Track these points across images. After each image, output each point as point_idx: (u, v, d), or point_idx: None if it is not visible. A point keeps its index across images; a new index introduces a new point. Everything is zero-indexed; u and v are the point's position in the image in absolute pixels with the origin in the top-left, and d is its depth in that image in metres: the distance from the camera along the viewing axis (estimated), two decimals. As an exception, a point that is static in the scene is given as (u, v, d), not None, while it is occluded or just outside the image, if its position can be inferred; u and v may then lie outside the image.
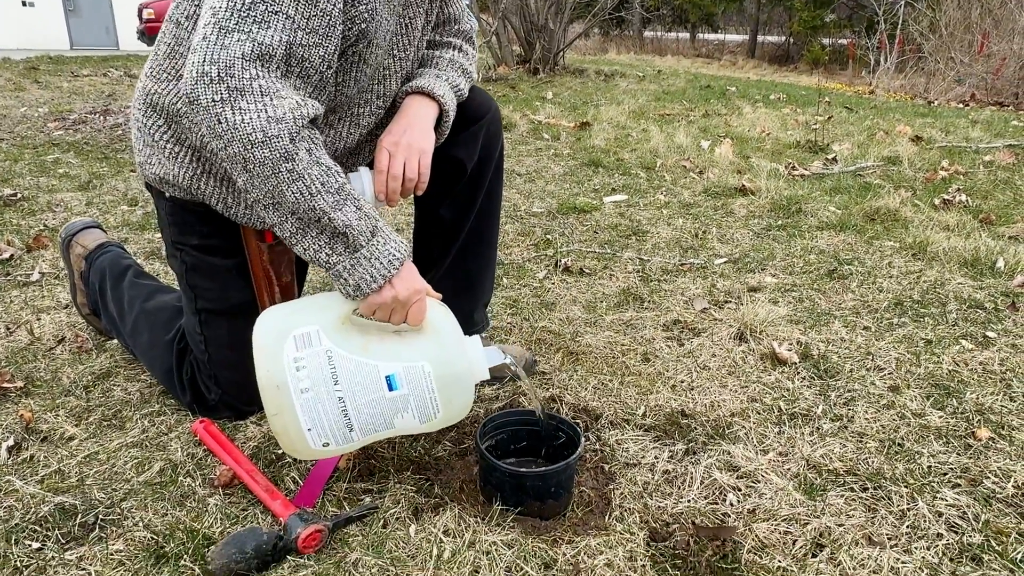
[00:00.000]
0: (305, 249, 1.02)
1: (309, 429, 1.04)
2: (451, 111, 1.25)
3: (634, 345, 1.72)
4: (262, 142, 0.93)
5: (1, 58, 10.13)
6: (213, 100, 0.91)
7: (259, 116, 0.92)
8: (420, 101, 1.22)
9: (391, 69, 1.22)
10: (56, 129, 4.32)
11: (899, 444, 1.33)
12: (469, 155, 1.37)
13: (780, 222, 2.78)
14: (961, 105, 7.69)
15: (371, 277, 1.03)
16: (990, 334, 1.79)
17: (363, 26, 1.06)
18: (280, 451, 1.27)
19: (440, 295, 1.17)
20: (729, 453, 1.28)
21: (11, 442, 1.26)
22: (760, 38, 21.44)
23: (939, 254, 2.35)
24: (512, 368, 1.16)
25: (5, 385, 1.43)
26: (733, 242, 2.54)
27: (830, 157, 3.93)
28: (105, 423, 1.34)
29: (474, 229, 1.47)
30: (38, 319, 1.77)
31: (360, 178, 1.17)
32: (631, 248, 2.46)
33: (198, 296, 1.28)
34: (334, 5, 0.99)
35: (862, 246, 2.48)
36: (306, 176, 0.96)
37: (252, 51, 0.92)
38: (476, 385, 1.16)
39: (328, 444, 1.07)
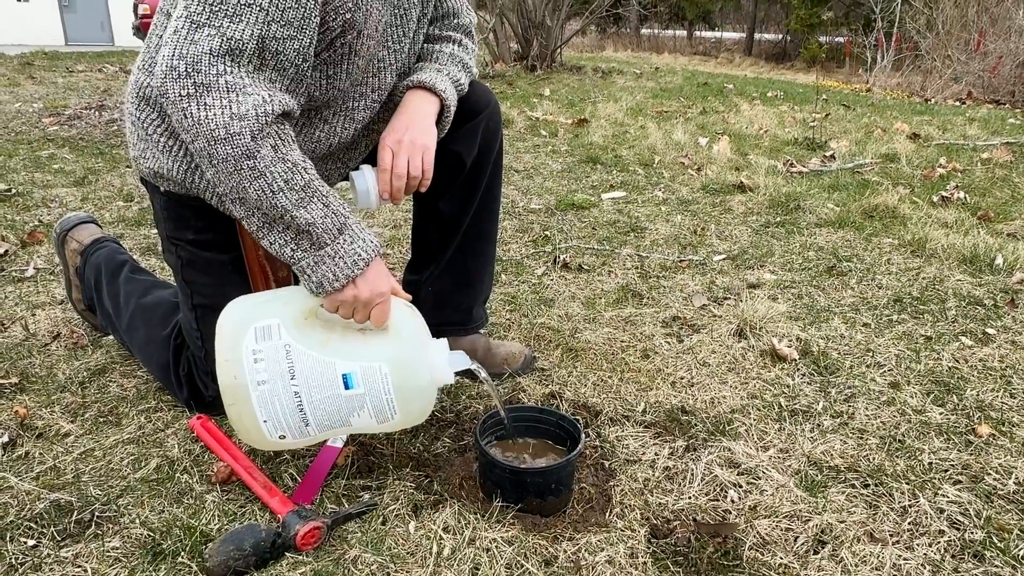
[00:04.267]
0: (271, 244, 1.03)
1: (265, 421, 1.05)
2: (452, 106, 1.24)
3: (633, 341, 1.72)
4: (224, 139, 0.93)
5: (-5, 53, 10.07)
6: (180, 95, 0.92)
7: (222, 112, 0.92)
8: (421, 96, 1.21)
9: (386, 61, 1.20)
10: (51, 125, 4.29)
11: (900, 441, 1.32)
12: (468, 150, 1.36)
13: (779, 219, 2.77)
14: (958, 103, 7.71)
15: (333, 276, 1.02)
16: (990, 331, 1.78)
17: (347, 16, 1.05)
18: (278, 448, 1.26)
19: (410, 297, 1.15)
20: (730, 450, 1.28)
21: (6, 439, 1.24)
22: (757, 36, 21.44)
23: (938, 251, 2.35)
24: (479, 373, 1.16)
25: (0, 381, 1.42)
26: (732, 239, 2.54)
27: (828, 154, 3.93)
28: (101, 419, 1.33)
29: (473, 224, 1.46)
30: (33, 315, 1.76)
31: (363, 176, 1.16)
32: (630, 244, 2.45)
33: (194, 292, 1.27)
34: None
35: (861, 243, 2.48)
36: (267, 174, 0.96)
37: (220, 46, 0.92)
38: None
39: (284, 437, 1.08)
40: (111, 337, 1.63)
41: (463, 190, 1.41)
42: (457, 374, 1.14)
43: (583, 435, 1.17)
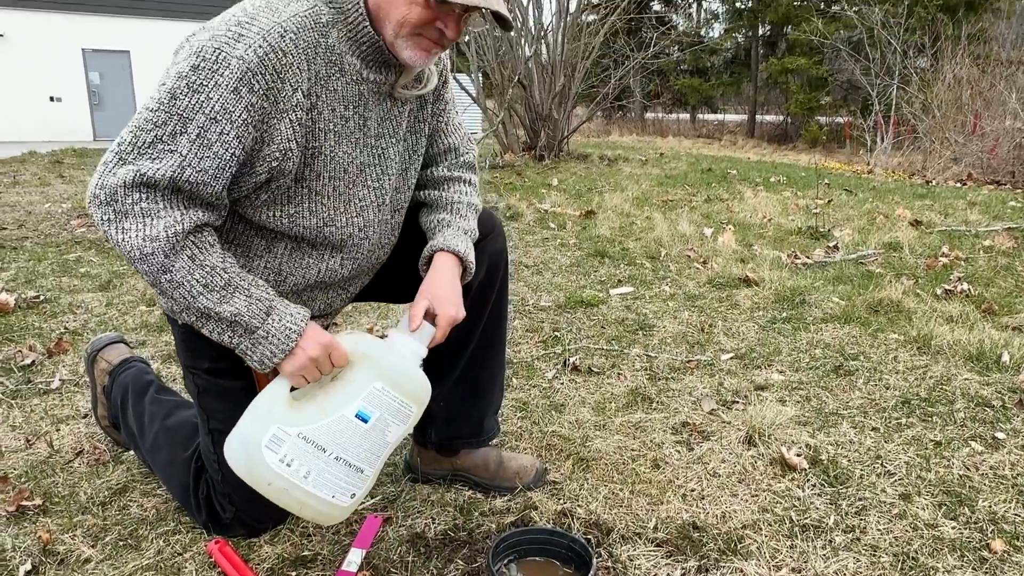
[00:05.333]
0: (210, 333, 1.14)
1: (333, 496, 1.17)
2: (472, 272, 1.36)
3: (644, 450, 1.73)
4: (140, 259, 1.06)
5: (28, 151, 10.56)
6: (102, 219, 1.06)
7: (136, 235, 1.05)
8: (453, 262, 1.32)
9: (367, 200, 1.28)
10: (79, 227, 4.47)
11: (913, 558, 1.32)
12: (476, 273, 1.43)
13: (784, 314, 2.82)
14: (959, 184, 7.85)
15: (271, 353, 1.14)
16: (999, 435, 1.79)
17: (274, 164, 1.13)
18: (293, 573, 1.27)
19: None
20: (742, 571, 1.28)
21: (28, 566, 1.27)
22: (759, 118, 22.08)
23: (944, 348, 2.38)
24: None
25: (24, 503, 1.45)
26: (739, 336, 2.58)
27: (831, 244, 4.01)
28: (121, 543, 1.36)
29: (482, 339, 1.51)
30: (57, 430, 1.81)
31: (403, 343, 1.25)
32: (638, 344, 2.49)
33: (210, 417, 1.32)
34: (227, 150, 1.08)
35: (867, 339, 2.51)
36: (185, 283, 1.08)
37: (135, 179, 1.04)
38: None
39: (354, 494, 1.20)
40: (132, 452, 1.67)
41: (472, 309, 1.46)
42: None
43: (594, 559, 1.18)
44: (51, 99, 15.71)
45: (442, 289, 1.28)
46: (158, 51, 15.85)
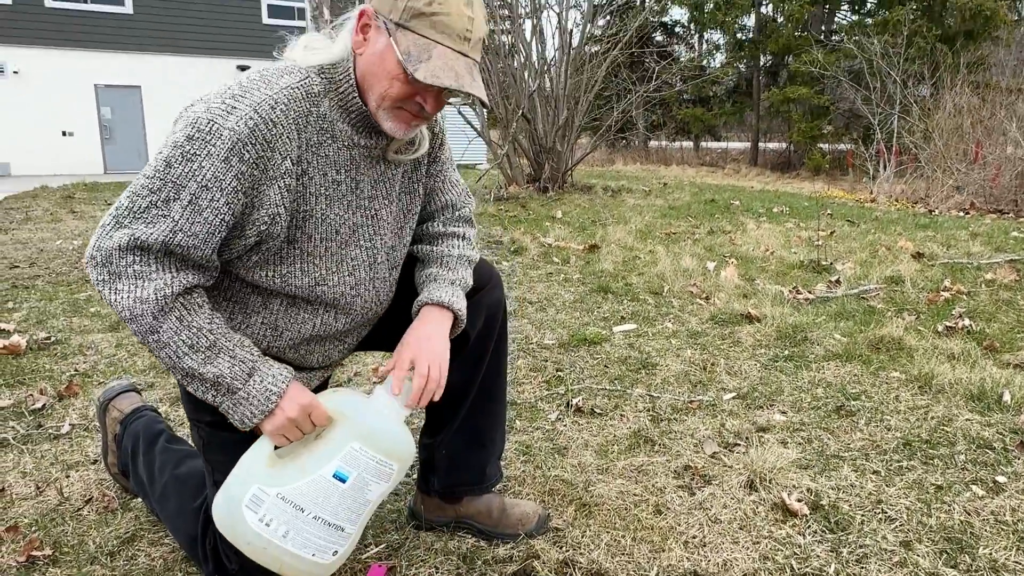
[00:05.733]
0: (194, 391, 1.19)
1: (313, 555, 1.19)
2: (464, 319, 1.38)
3: (646, 495, 1.75)
4: (130, 319, 1.11)
5: (40, 185, 10.73)
6: (97, 279, 1.11)
7: (128, 296, 1.10)
8: (439, 313, 1.34)
9: (359, 259, 1.32)
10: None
11: (913, 609, 1.33)
12: (472, 323, 1.46)
13: (787, 352, 2.83)
14: (962, 213, 7.88)
15: (251, 413, 1.19)
16: (1000, 478, 1.80)
17: (263, 228, 1.17)
18: (298, 625, 1.29)
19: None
20: (742, 622, 1.29)
21: (39, 618, 1.29)
22: (762, 146, 22.23)
23: (945, 387, 2.39)
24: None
25: (34, 553, 1.48)
26: (741, 374, 2.60)
27: (833, 279, 4.03)
28: (129, 594, 1.38)
29: (482, 389, 1.54)
30: (67, 476, 1.83)
31: (380, 395, 1.28)
32: (641, 383, 2.51)
33: (214, 469, 1.35)
34: (218, 216, 1.12)
35: (868, 378, 2.52)
36: (171, 343, 1.13)
37: (130, 243, 1.09)
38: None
39: (336, 552, 1.22)
40: (140, 499, 1.69)
41: (471, 359, 1.50)
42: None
43: (595, 613, 1.19)
44: (63, 133, 16.01)
45: (414, 341, 1.32)
46: (168, 86, 16.18)
